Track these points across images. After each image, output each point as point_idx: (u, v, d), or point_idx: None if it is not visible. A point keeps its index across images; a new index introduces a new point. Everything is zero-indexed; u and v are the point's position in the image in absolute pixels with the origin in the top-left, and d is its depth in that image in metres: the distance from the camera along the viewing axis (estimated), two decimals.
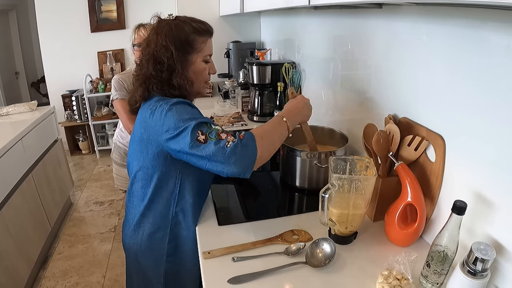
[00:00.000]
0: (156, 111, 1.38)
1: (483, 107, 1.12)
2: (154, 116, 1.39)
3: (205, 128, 1.31)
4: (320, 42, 2.38)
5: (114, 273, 3.17)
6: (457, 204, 1.08)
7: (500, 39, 1.03)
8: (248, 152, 1.30)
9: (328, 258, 1.30)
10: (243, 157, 1.29)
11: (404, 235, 1.38)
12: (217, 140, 1.28)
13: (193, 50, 1.48)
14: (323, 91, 2.40)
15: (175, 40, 1.43)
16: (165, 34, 1.43)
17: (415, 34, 1.41)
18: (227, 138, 1.29)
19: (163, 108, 1.37)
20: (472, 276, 1.06)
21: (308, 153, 1.74)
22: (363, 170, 1.42)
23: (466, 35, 1.15)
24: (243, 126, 2.86)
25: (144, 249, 1.61)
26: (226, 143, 1.27)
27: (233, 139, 1.29)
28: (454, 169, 1.29)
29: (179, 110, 1.36)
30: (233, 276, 1.25)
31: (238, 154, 1.28)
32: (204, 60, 1.51)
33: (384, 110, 1.63)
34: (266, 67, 2.83)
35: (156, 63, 1.45)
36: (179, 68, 1.44)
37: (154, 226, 1.56)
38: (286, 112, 1.52)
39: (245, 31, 4.13)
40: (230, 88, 3.53)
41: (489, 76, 1.09)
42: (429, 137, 1.37)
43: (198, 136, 1.28)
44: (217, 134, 1.30)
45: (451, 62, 1.24)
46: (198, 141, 1.28)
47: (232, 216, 1.66)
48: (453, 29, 1.20)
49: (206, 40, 1.51)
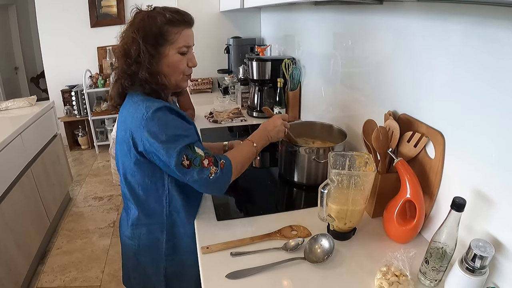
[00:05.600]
0: (136, 114, 1.35)
1: (484, 104, 1.12)
2: (134, 121, 1.35)
3: (190, 153, 1.36)
4: (321, 39, 2.37)
5: (113, 268, 3.17)
6: (456, 201, 1.08)
7: (505, 37, 1.03)
8: (225, 180, 1.44)
9: (327, 254, 1.30)
10: (221, 185, 1.44)
11: (403, 232, 1.38)
12: (200, 169, 1.37)
13: (165, 42, 1.40)
14: (323, 87, 2.39)
15: (145, 32, 1.37)
16: (136, 26, 1.39)
17: (416, 31, 1.40)
18: (209, 168, 1.38)
19: (143, 114, 1.33)
20: (470, 273, 1.06)
21: (306, 149, 1.74)
22: (363, 166, 1.42)
23: (468, 32, 1.15)
24: (242, 122, 2.87)
25: (142, 248, 1.61)
26: (209, 175, 1.38)
27: (215, 170, 1.39)
28: (454, 166, 1.28)
29: (162, 120, 1.34)
30: (231, 271, 1.25)
31: (218, 183, 1.42)
32: (179, 52, 1.44)
33: (384, 107, 1.62)
34: (266, 63, 2.83)
35: (125, 57, 1.41)
36: (145, 61, 1.38)
37: (151, 227, 1.57)
38: (257, 137, 1.63)
39: (245, 27, 4.12)
40: (230, 84, 3.53)
41: (491, 74, 1.08)
42: (428, 134, 1.37)
43: (183, 161, 1.34)
44: (201, 161, 1.37)
45: (453, 59, 1.23)
46: (182, 165, 1.35)
47: (230, 211, 1.66)
48: (454, 26, 1.20)
49: (181, 31, 1.42)
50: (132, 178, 1.51)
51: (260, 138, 1.62)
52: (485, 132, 1.13)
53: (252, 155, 1.58)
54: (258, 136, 1.63)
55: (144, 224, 1.57)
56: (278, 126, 1.65)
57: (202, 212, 1.62)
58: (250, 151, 1.57)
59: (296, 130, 1.90)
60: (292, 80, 2.76)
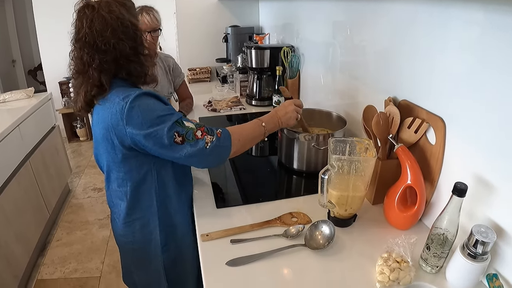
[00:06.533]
0: (114, 109, 1.30)
1: (485, 90, 1.10)
2: (114, 117, 1.30)
3: (180, 128, 1.33)
4: (320, 26, 2.35)
5: (113, 259, 3.18)
6: (457, 186, 1.07)
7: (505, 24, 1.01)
8: (223, 152, 1.42)
9: (328, 240, 1.30)
10: (218, 155, 1.41)
11: (403, 218, 1.37)
12: (195, 142, 1.34)
13: None
14: (322, 75, 2.38)
15: None
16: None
17: (417, 18, 1.38)
18: (204, 137, 1.36)
19: (122, 106, 1.28)
20: (472, 259, 1.05)
21: (306, 136, 1.73)
22: (363, 152, 1.41)
23: (471, 18, 1.13)
24: (241, 110, 2.86)
25: (138, 244, 1.60)
26: (205, 145, 1.35)
27: (211, 138, 1.37)
28: (454, 152, 1.27)
29: (142, 107, 1.30)
30: (231, 258, 1.25)
31: (215, 153, 1.39)
32: None
33: (384, 94, 1.60)
34: (265, 51, 2.81)
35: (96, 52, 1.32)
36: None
37: (143, 220, 1.54)
38: (267, 118, 1.59)
39: (243, 15, 4.09)
40: (228, 72, 3.52)
41: (492, 60, 1.07)
42: (429, 120, 1.36)
43: (175, 138, 1.32)
44: (194, 134, 1.35)
45: (454, 46, 1.21)
46: (176, 142, 1.32)
47: (230, 199, 1.65)
48: (458, 12, 1.18)
49: None
50: (119, 175, 1.47)
51: (269, 120, 1.59)
52: (485, 117, 1.12)
53: (258, 134, 1.54)
54: (268, 119, 1.59)
55: (136, 219, 1.54)
56: (289, 112, 1.63)
57: (202, 200, 1.62)
58: (257, 128, 1.54)
59: None
60: (291, 68, 2.75)
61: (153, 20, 2.31)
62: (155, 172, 1.47)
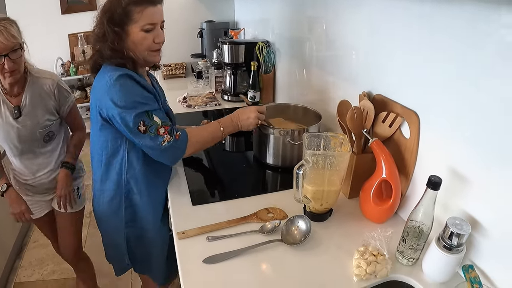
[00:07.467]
0: (102, 82, 1.45)
1: (458, 84, 1.12)
2: (100, 89, 1.45)
3: (147, 119, 1.45)
4: (295, 22, 2.34)
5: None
6: (432, 180, 1.08)
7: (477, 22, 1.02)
8: (177, 152, 1.54)
9: (304, 235, 1.30)
10: (172, 155, 1.54)
11: (379, 211, 1.38)
12: (155, 136, 1.46)
13: (129, 21, 1.46)
14: (297, 70, 2.37)
15: (111, 12, 1.44)
16: (104, 8, 1.48)
17: (391, 14, 1.38)
18: (163, 136, 1.47)
19: (106, 81, 1.42)
20: (447, 251, 1.06)
21: (281, 131, 1.72)
22: (338, 147, 1.41)
23: (444, 15, 1.13)
24: (216, 106, 2.83)
25: (106, 214, 1.71)
26: (162, 142, 1.47)
27: (169, 138, 1.48)
28: (429, 146, 1.29)
29: (122, 87, 1.42)
30: (208, 255, 1.24)
31: (169, 153, 1.52)
32: (143, 29, 1.47)
33: (359, 88, 1.61)
34: (239, 46, 2.79)
35: (95, 36, 1.52)
36: (109, 40, 1.47)
37: (111, 193, 1.64)
38: (227, 122, 1.69)
39: (219, 10, 4.06)
40: (204, 68, 3.48)
41: (463, 55, 1.08)
42: (403, 114, 1.36)
43: (139, 126, 1.44)
44: (156, 129, 1.47)
45: (427, 41, 1.22)
46: (139, 130, 1.44)
47: (206, 195, 1.63)
48: (430, 9, 1.18)
49: (143, 9, 1.45)
50: (98, 143, 1.59)
51: (229, 123, 1.68)
52: (459, 111, 1.13)
53: (216, 137, 1.65)
54: (227, 121, 1.69)
55: (105, 190, 1.65)
56: (251, 118, 1.69)
57: (177, 197, 1.61)
58: (214, 132, 1.64)
59: (270, 113, 1.89)
60: (266, 63, 2.74)
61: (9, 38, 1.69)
62: (126, 149, 1.57)
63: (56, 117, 2.02)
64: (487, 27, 0.99)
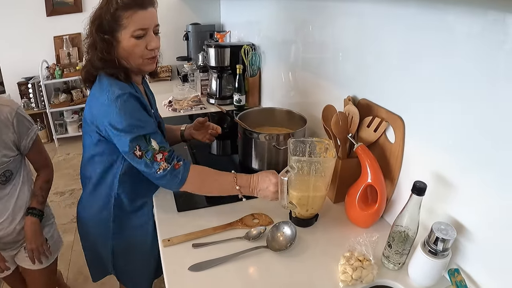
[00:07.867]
0: (101, 99, 1.37)
1: (442, 90, 1.12)
2: (99, 105, 1.39)
3: (143, 144, 1.36)
4: (281, 24, 2.34)
5: (78, 264, 3.08)
6: (417, 185, 1.08)
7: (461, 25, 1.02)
8: (173, 182, 1.41)
9: (289, 241, 1.30)
10: (168, 184, 1.43)
11: (365, 216, 1.38)
12: (151, 162, 1.37)
13: (119, 27, 1.35)
14: (283, 73, 2.37)
15: (100, 20, 1.35)
16: (92, 16, 1.39)
17: (377, 17, 1.39)
18: (160, 163, 1.38)
19: (105, 99, 1.35)
20: (433, 256, 1.06)
21: (266, 135, 1.71)
22: (323, 152, 1.41)
23: (428, 20, 1.14)
24: (202, 110, 2.82)
25: (92, 225, 1.68)
26: (157, 170, 1.38)
27: (165, 166, 1.38)
28: (414, 150, 1.29)
29: (121, 108, 1.33)
30: (194, 263, 1.24)
31: (164, 181, 1.41)
32: (133, 36, 1.36)
33: (344, 92, 1.61)
34: (225, 49, 2.78)
35: (88, 46, 1.44)
36: (99, 49, 1.38)
37: (99, 205, 1.61)
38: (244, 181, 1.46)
39: (204, 13, 4.07)
40: (189, 71, 3.47)
41: (448, 61, 1.09)
42: (388, 119, 1.37)
43: (135, 151, 1.36)
44: (153, 155, 1.37)
45: (412, 46, 1.23)
46: (134, 154, 1.37)
47: (191, 201, 1.61)
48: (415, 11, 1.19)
49: (132, 14, 1.33)
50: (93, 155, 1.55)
51: (245, 185, 1.46)
52: (444, 117, 1.14)
53: (226, 190, 1.47)
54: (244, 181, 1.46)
55: (94, 201, 1.62)
56: (270, 193, 1.42)
57: (162, 204, 1.59)
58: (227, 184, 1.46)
59: (255, 117, 1.90)
60: (252, 67, 2.73)
61: None
62: (122, 163, 1.52)
63: (15, 153, 1.70)
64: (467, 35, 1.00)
